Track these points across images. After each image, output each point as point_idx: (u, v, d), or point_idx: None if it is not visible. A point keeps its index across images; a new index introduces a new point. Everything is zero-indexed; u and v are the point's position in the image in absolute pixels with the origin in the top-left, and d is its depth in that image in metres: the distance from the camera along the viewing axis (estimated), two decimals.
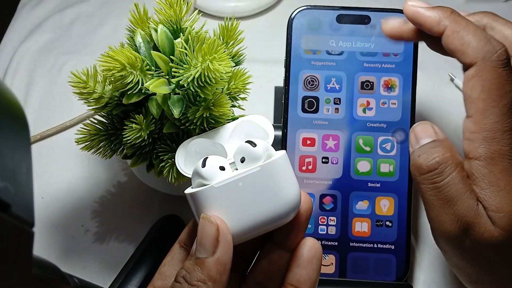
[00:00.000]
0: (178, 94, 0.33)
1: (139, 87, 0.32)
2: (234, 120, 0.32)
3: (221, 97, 0.33)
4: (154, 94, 0.32)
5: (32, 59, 0.54)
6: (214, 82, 0.31)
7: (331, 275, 0.39)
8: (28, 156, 0.21)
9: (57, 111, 0.50)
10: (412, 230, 0.40)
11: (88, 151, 0.36)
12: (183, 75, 0.31)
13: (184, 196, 0.28)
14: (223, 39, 0.36)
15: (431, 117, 0.49)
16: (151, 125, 0.33)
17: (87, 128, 0.36)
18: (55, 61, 0.54)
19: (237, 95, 0.36)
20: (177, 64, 0.32)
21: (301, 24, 0.40)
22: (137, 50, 0.34)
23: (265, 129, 0.31)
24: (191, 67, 0.31)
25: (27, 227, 0.21)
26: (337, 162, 0.40)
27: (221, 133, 0.32)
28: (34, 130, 0.49)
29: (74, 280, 0.28)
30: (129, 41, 0.36)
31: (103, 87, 0.34)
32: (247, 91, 0.36)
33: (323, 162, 0.40)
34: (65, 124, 0.49)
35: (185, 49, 0.32)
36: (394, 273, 0.39)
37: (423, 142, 0.31)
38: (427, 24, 0.32)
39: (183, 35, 0.34)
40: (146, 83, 0.32)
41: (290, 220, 0.27)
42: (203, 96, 0.32)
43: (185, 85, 0.32)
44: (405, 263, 0.39)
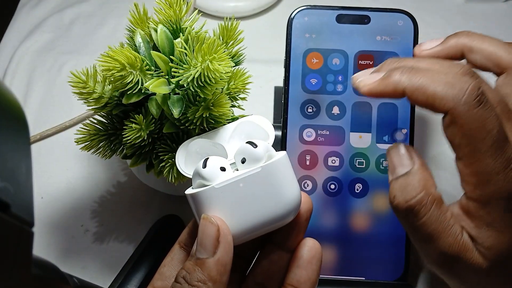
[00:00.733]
0: (178, 94, 0.33)
1: (138, 87, 0.32)
2: (234, 120, 0.32)
3: (221, 97, 0.33)
4: (154, 94, 0.32)
5: (32, 59, 0.54)
6: (214, 82, 0.31)
7: (331, 275, 0.39)
8: (28, 156, 0.21)
9: (56, 111, 0.50)
10: None
11: (87, 151, 0.36)
12: (182, 75, 0.31)
13: (184, 196, 0.28)
14: (223, 39, 0.36)
15: (431, 117, 0.49)
16: (151, 125, 0.33)
17: (86, 128, 0.36)
18: (55, 61, 0.54)
19: (237, 95, 0.36)
20: (177, 64, 0.32)
21: (301, 24, 0.40)
22: (137, 50, 0.34)
23: (266, 130, 0.31)
24: (191, 67, 0.31)
25: (26, 227, 0.21)
26: (337, 160, 0.40)
27: (221, 134, 0.32)
28: (34, 130, 0.49)
29: (73, 280, 0.28)
30: (129, 41, 0.36)
31: (103, 87, 0.34)
32: (247, 91, 0.36)
33: (323, 161, 0.40)
34: (64, 124, 0.49)
35: (185, 49, 0.32)
36: (394, 273, 0.39)
37: (399, 172, 0.29)
38: (388, 94, 0.29)
39: (183, 35, 0.34)
40: (145, 83, 0.32)
41: (290, 221, 0.27)
42: (203, 96, 0.32)
43: (185, 85, 0.31)
44: (405, 263, 0.39)
